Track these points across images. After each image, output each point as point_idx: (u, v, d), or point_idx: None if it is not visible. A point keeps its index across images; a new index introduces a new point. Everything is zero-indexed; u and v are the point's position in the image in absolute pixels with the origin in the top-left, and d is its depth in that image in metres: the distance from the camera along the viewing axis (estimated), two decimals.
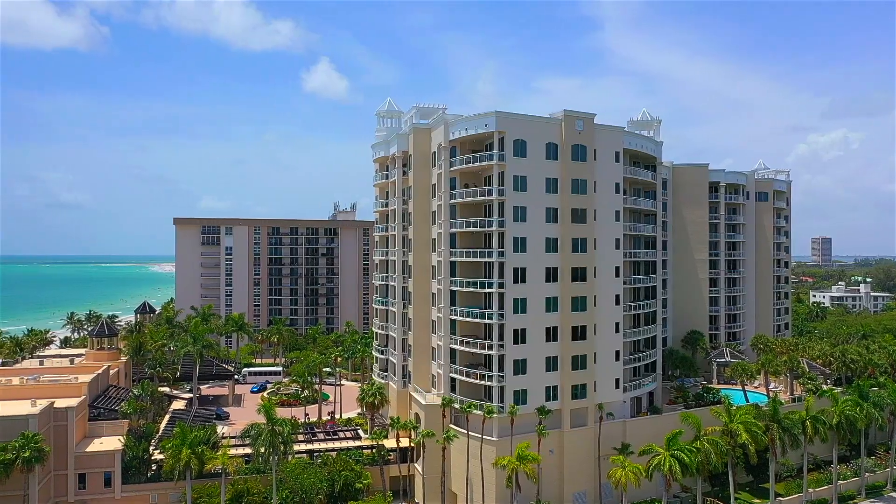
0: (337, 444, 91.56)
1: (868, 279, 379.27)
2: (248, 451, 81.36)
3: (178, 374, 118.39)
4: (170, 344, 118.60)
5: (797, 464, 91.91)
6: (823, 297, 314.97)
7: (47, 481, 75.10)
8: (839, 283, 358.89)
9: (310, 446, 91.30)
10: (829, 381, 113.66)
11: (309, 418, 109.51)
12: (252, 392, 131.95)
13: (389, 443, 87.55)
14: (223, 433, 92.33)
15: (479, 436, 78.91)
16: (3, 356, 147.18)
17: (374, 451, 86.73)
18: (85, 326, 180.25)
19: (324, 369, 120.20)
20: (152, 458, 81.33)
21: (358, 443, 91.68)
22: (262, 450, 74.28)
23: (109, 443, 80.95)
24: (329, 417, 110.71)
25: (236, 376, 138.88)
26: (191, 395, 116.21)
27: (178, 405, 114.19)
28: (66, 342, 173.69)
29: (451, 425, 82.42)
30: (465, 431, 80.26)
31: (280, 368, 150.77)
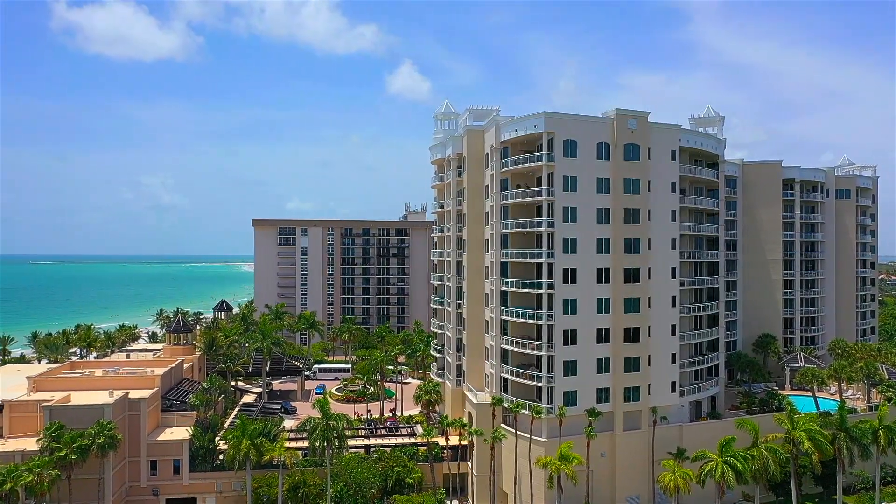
0: (392, 441, 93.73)
1: None
2: (306, 444, 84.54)
3: (249, 369, 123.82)
4: (241, 340, 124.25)
5: (873, 476, 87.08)
6: None
7: (122, 467, 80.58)
8: None
9: (366, 441, 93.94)
10: None
11: (371, 414, 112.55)
12: (316, 393, 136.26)
13: (443, 440, 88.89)
14: (288, 426, 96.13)
15: (529, 436, 79.12)
16: (96, 350, 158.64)
17: (426, 448, 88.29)
18: (173, 322, 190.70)
19: (387, 367, 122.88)
20: (218, 447, 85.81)
21: (412, 440, 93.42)
22: (317, 443, 77.34)
23: (179, 432, 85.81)
24: (391, 414, 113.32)
25: (307, 372, 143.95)
26: (261, 390, 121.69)
27: (248, 399, 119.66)
28: (153, 337, 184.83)
29: (502, 425, 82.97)
30: (514, 431, 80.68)
31: (349, 366, 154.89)
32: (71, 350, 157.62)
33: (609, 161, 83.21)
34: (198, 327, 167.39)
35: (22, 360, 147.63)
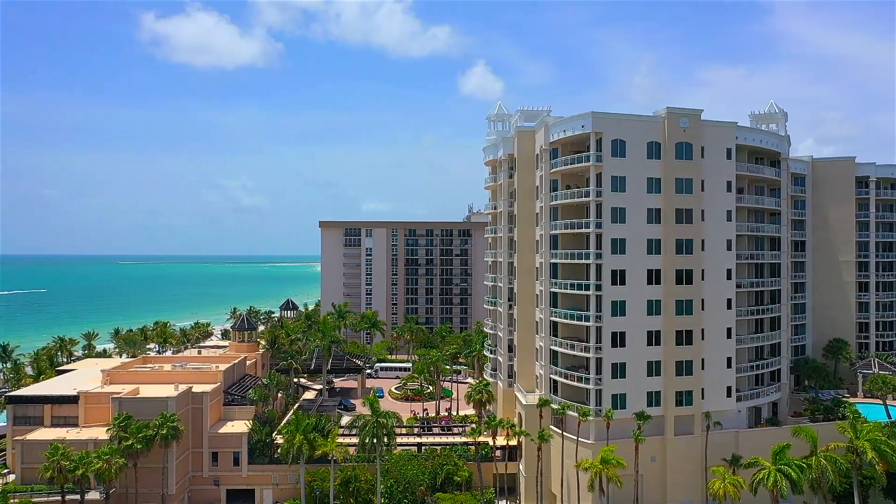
0: (443, 439, 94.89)
1: None
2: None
3: (311, 366, 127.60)
4: (303, 338, 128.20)
5: None
6: None
7: (185, 457, 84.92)
8: None
9: (419, 440, 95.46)
10: None
11: (427, 413, 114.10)
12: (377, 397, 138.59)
13: (492, 440, 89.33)
14: (345, 423, 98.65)
15: (576, 438, 78.71)
16: (172, 346, 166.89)
17: (475, 447, 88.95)
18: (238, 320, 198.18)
19: (444, 367, 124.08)
20: (275, 441, 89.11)
21: (461, 439, 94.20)
22: (367, 440, 79.25)
23: (239, 426, 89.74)
24: (446, 413, 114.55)
25: (368, 370, 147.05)
26: (321, 387, 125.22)
27: (309, 395, 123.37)
28: (225, 334, 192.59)
29: (550, 426, 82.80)
30: (561, 433, 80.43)
31: (409, 365, 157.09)
32: (149, 346, 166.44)
33: (660, 161, 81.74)
34: (267, 325, 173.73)
35: (104, 354, 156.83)
